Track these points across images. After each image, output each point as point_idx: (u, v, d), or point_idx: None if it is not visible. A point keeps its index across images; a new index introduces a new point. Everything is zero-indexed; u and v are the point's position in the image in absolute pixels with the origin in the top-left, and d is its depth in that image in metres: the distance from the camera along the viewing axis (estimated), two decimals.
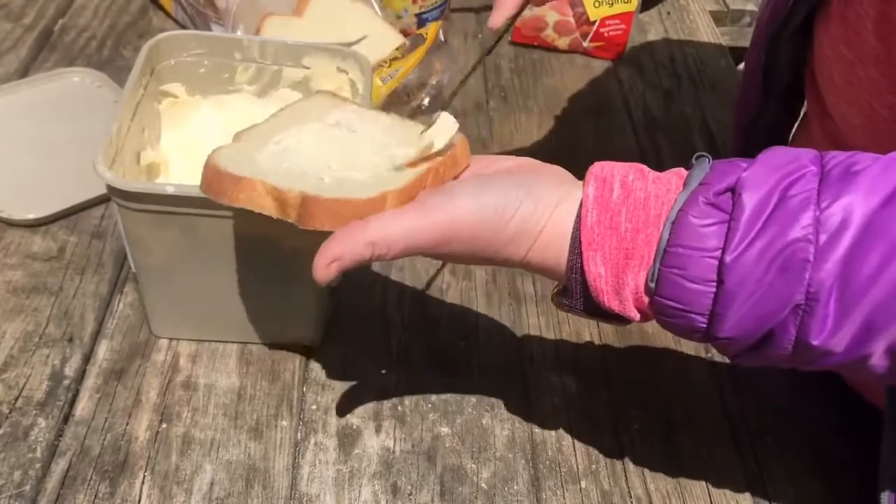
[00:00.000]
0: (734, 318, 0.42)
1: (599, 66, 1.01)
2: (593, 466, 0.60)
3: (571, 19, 0.99)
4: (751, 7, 1.40)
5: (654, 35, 1.08)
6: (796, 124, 0.75)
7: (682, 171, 0.46)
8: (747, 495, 0.60)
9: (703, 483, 0.60)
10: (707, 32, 1.10)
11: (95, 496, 0.54)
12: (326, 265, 0.45)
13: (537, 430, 0.62)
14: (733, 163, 0.44)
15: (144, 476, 0.55)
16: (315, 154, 0.50)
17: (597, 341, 0.69)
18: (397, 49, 0.83)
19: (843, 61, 0.57)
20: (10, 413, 0.58)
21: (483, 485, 0.58)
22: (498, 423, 0.62)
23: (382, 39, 0.83)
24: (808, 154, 0.43)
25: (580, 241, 0.45)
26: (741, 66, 1.20)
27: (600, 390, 0.65)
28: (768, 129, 0.73)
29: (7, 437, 0.56)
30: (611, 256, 0.44)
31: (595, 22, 0.99)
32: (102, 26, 0.94)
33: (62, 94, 0.82)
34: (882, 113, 0.54)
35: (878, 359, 0.42)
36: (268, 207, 0.47)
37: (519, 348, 0.67)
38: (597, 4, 0.98)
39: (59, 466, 0.55)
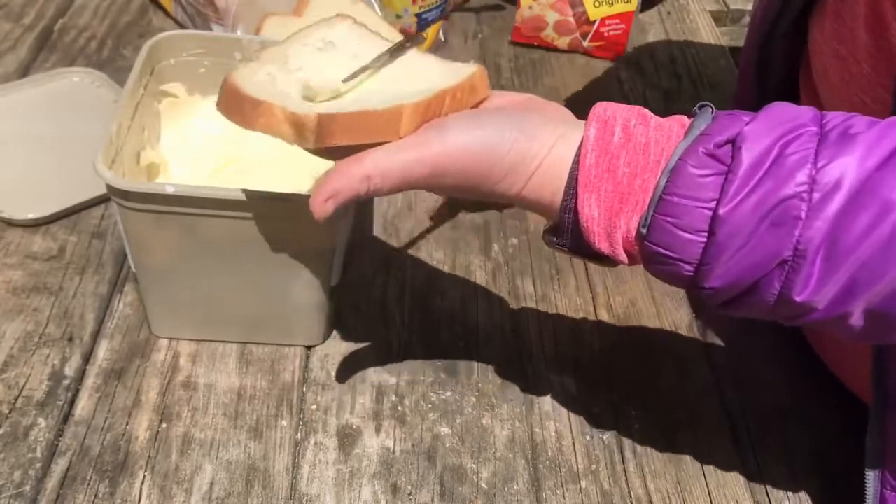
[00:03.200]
0: (721, 269, 0.43)
1: (599, 66, 1.01)
2: (593, 466, 0.60)
3: (571, 19, 0.99)
4: (751, 7, 1.40)
5: (654, 35, 1.08)
6: None
7: (685, 119, 0.46)
8: (747, 495, 0.60)
9: (703, 483, 0.60)
10: (707, 32, 1.10)
11: (95, 496, 0.54)
12: (323, 201, 0.45)
13: (537, 430, 0.62)
14: (736, 115, 0.44)
15: (144, 476, 0.55)
16: (334, 79, 0.49)
17: (597, 341, 0.69)
18: None
19: (837, 57, 0.57)
20: (10, 413, 0.58)
21: (483, 485, 0.58)
22: (498, 423, 0.62)
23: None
24: (808, 113, 0.44)
25: (576, 182, 0.45)
26: None
27: (600, 390, 0.65)
28: None
29: (7, 436, 0.56)
30: (606, 199, 0.45)
31: (595, 22, 0.99)
32: (102, 26, 0.94)
33: (62, 94, 0.82)
34: (874, 108, 0.54)
35: (856, 318, 0.43)
36: (285, 133, 0.47)
37: (519, 348, 0.67)
38: (597, 4, 0.98)
39: (58, 466, 0.55)
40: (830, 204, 0.41)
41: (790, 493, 0.60)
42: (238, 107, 0.47)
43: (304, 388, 0.62)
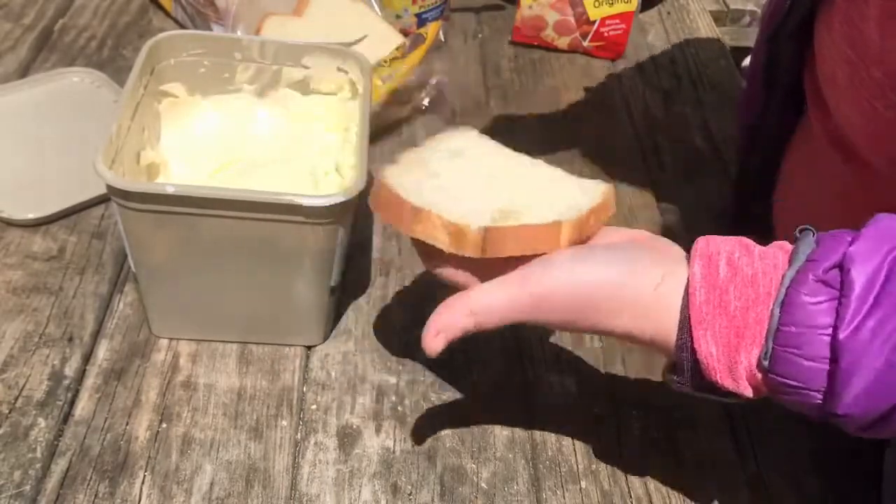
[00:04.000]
0: (851, 395, 0.42)
1: (599, 66, 1.01)
2: (593, 466, 0.60)
3: (571, 19, 0.99)
4: (751, 7, 1.41)
5: (654, 35, 1.08)
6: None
7: (787, 246, 0.46)
8: (747, 495, 0.60)
9: (703, 483, 0.60)
10: (707, 32, 1.10)
11: (95, 496, 0.54)
12: (434, 336, 0.48)
13: (537, 430, 0.62)
14: (839, 237, 0.44)
15: (144, 476, 0.55)
16: (477, 191, 0.52)
17: (597, 341, 0.69)
18: (397, 49, 0.83)
19: (847, 61, 0.57)
20: (10, 413, 0.58)
21: (483, 485, 0.58)
22: (498, 423, 0.62)
23: (382, 39, 0.83)
24: None
25: (689, 320, 0.45)
26: (744, 63, 1.20)
27: (600, 390, 0.65)
28: (772, 128, 0.73)
29: (7, 436, 0.56)
30: (722, 335, 0.44)
31: (595, 22, 0.99)
32: (102, 26, 0.94)
33: (62, 94, 0.82)
34: (885, 114, 0.54)
35: None
36: (441, 240, 0.49)
37: (519, 348, 0.67)
38: (597, 4, 0.98)
39: (58, 466, 0.55)
40: None
41: (790, 493, 0.60)
42: (397, 211, 0.51)
43: (304, 388, 0.62)
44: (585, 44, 1.01)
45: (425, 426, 0.61)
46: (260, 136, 0.69)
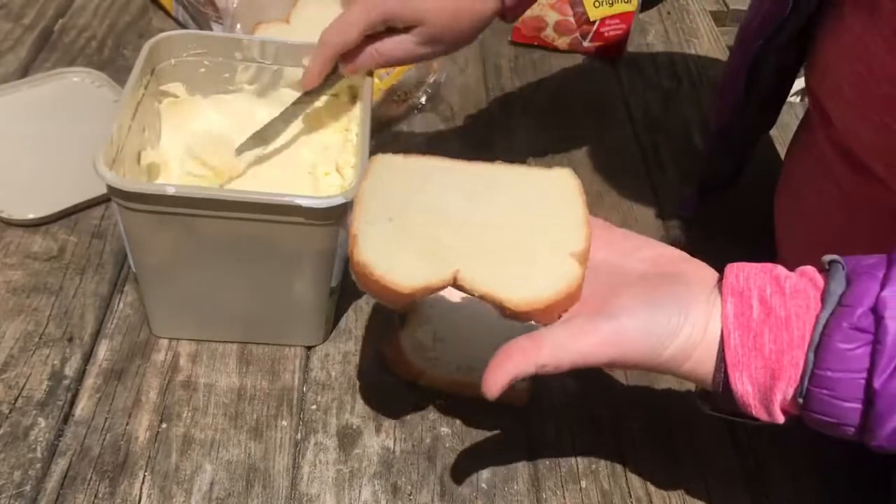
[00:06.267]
0: (885, 432, 0.43)
1: (599, 66, 1.01)
2: (593, 466, 0.60)
3: (571, 19, 0.99)
4: None
5: (654, 35, 1.08)
6: (796, 129, 0.75)
7: (818, 279, 0.46)
8: (747, 495, 0.60)
9: (703, 483, 0.60)
10: (707, 33, 1.10)
11: (95, 496, 0.54)
12: (503, 384, 0.46)
13: (537, 430, 0.62)
14: (871, 274, 0.44)
15: (144, 476, 0.55)
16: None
17: None
18: None
19: (855, 75, 0.57)
20: (10, 413, 0.58)
21: (483, 485, 0.58)
22: (498, 423, 0.62)
23: None
24: None
25: (725, 361, 0.46)
26: None
27: (600, 390, 0.65)
28: (743, 133, 0.74)
29: (7, 436, 0.56)
30: (757, 376, 0.45)
31: (595, 22, 0.99)
32: (102, 26, 0.94)
33: (62, 94, 0.82)
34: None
35: None
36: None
37: None
38: (597, 4, 0.98)
39: (59, 466, 0.55)
40: None
41: (790, 494, 0.60)
42: (404, 367, 0.62)
43: (304, 388, 0.62)
44: (585, 44, 1.01)
45: (425, 426, 0.61)
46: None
